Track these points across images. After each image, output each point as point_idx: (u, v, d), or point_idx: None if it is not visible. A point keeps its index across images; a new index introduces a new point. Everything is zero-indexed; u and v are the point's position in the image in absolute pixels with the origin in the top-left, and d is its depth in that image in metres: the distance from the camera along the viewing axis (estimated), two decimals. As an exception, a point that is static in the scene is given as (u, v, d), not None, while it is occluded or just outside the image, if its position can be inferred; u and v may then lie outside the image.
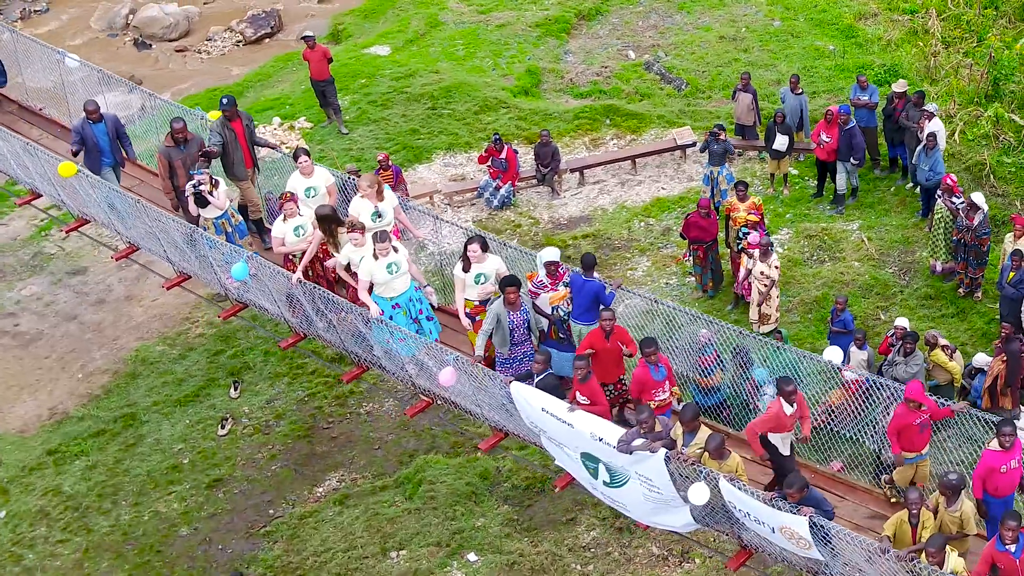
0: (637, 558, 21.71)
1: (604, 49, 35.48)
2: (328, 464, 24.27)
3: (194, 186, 20.77)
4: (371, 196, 19.84)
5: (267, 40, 41.79)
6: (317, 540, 22.63)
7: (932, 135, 26.32)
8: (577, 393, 17.61)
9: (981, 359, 21.87)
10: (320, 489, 23.80)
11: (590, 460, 17.35)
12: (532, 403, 17.50)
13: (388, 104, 32.90)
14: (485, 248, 18.88)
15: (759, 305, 24.24)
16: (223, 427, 25.03)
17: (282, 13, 42.76)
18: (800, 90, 29.27)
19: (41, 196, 25.19)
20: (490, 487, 23.27)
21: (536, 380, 17.68)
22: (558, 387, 17.76)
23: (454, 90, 33.22)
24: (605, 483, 17.48)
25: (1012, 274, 23.14)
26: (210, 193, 20.80)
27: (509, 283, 18.27)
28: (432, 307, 19.95)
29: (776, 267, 24.13)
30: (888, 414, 18.58)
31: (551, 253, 18.98)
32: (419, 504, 22.98)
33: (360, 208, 19.81)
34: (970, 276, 25.01)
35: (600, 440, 16.80)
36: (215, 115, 24.18)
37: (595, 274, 18.88)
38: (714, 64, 34.21)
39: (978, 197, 24.55)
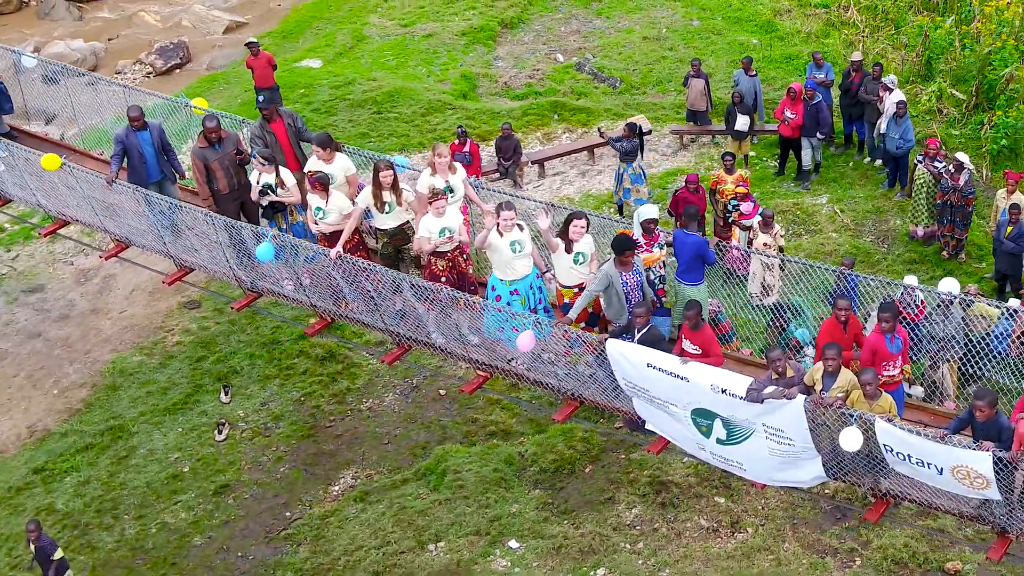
0: (686, 532, 19.17)
1: (532, 54, 33.17)
2: (339, 462, 21.31)
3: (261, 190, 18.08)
4: (443, 169, 16.99)
5: (177, 71, 38.56)
6: (345, 539, 19.64)
7: (903, 103, 24.56)
8: (687, 344, 15.04)
9: (1012, 302, 20.01)
10: (336, 487, 20.84)
11: (703, 417, 14.73)
12: (634, 360, 14.87)
13: (332, 111, 30.08)
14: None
15: (762, 277, 21.94)
16: (220, 432, 21.86)
17: (189, 45, 39.52)
18: (753, 72, 27.37)
19: (10, 201, 21.90)
20: (518, 472, 20.56)
21: (638, 335, 15.04)
22: (663, 341, 15.15)
23: (396, 95, 30.57)
24: (719, 441, 14.85)
25: (1010, 228, 21.38)
26: (280, 185, 18.00)
27: (628, 245, 15.47)
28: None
29: (781, 236, 22.00)
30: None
31: (651, 211, 16.37)
32: (448, 495, 20.15)
33: (430, 184, 16.96)
34: (956, 238, 23.16)
35: (723, 392, 14.21)
36: (201, 102, 21.23)
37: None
38: (643, 63, 32.17)
39: (963, 156, 22.81)
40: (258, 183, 18.20)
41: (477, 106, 30.33)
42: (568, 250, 15.92)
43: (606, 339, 15.08)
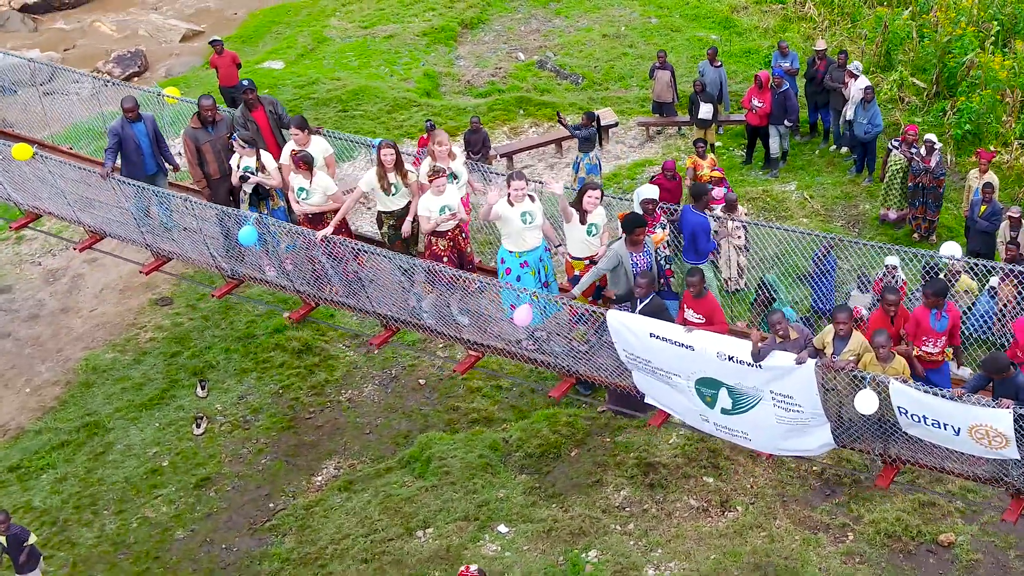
0: (676, 512, 18.63)
1: (493, 53, 32.63)
2: (320, 453, 20.59)
3: (241, 175, 17.35)
4: (443, 157, 16.36)
5: (135, 79, 37.61)
6: (331, 528, 18.93)
7: (870, 88, 24.30)
8: (690, 313, 14.49)
9: (993, 280, 19.67)
10: (318, 478, 20.12)
11: (708, 386, 14.18)
12: (636, 330, 14.31)
13: (296, 109, 29.22)
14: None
15: (737, 260, 21.50)
16: (198, 426, 21.09)
17: (146, 53, 38.62)
18: (719, 63, 26.97)
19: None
20: (503, 458, 19.94)
21: (640, 305, 14.51)
22: (666, 311, 14.60)
23: (361, 93, 29.91)
24: (724, 411, 14.30)
25: (984, 207, 21.07)
26: (260, 169, 17.33)
27: (638, 223, 14.95)
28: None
29: (747, 214, 21.63)
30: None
31: (649, 191, 15.83)
32: (434, 481, 19.49)
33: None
34: (927, 219, 22.84)
35: (731, 359, 13.68)
36: (173, 90, 20.55)
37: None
38: (604, 59, 31.70)
39: (933, 137, 22.52)
40: (238, 167, 17.54)
41: (442, 103, 29.75)
42: (582, 221, 15.39)
43: (607, 311, 14.55)
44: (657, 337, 14.09)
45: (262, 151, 17.63)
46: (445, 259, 15.98)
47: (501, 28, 33.87)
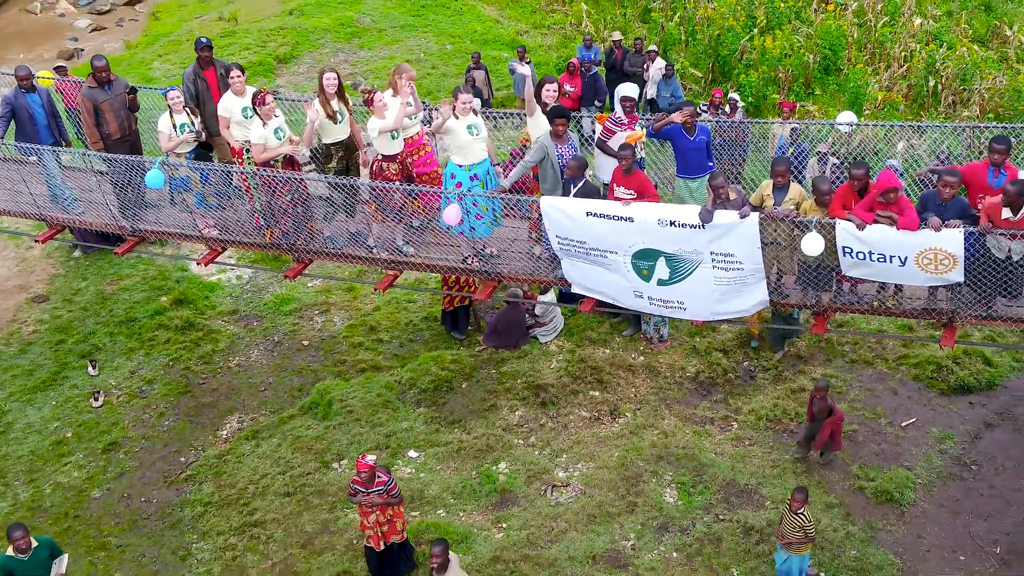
0: (571, 424, 17.75)
1: (310, 81, 31.22)
2: (221, 411, 18.86)
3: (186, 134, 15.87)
4: (406, 93, 15.30)
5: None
6: (247, 471, 17.28)
7: (670, 65, 24.18)
8: (620, 190, 13.67)
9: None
10: (224, 432, 18.39)
11: (646, 259, 13.34)
12: (571, 212, 13.46)
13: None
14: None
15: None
16: (96, 399, 19.05)
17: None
18: (528, 59, 26.36)
19: None
20: (399, 395, 18.66)
21: (573, 189, 13.65)
22: (599, 194, 13.79)
23: (197, 114, 28.05)
24: (661, 282, 13.46)
25: (792, 148, 21.06)
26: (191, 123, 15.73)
27: (558, 113, 14.09)
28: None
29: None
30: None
31: (630, 89, 14.94)
32: (339, 420, 18.09)
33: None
34: (736, 171, 22.69)
35: (672, 224, 12.89)
36: (46, 72, 18.72)
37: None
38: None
39: (736, 96, 22.49)
40: (175, 126, 15.88)
41: (276, 118, 28.27)
42: (545, 113, 14.50)
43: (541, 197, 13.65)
44: (594, 215, 13.24)
45: (189, 106, 16.20)
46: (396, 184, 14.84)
47: (312, 61, 32.54)
